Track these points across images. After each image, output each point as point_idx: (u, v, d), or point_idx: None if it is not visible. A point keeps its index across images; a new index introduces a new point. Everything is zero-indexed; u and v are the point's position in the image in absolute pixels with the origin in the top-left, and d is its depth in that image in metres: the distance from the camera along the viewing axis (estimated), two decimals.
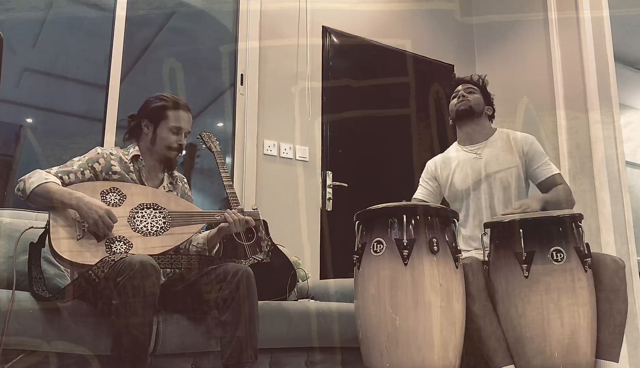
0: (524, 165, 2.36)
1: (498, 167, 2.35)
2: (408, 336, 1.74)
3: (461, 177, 2.40)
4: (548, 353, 1.83)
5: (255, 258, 2.09)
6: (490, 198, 2.34)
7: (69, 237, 1.73)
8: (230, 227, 1.98)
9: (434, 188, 2.49)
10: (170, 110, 2.03)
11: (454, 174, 2.43)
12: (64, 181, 1.85)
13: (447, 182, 2.44)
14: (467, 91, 2.47)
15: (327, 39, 3.71)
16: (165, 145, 2.04)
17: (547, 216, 1.97)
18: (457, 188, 2.41)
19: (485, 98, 2.51)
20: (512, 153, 2.37)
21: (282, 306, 2.18)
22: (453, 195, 2.44)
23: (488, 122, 2.51)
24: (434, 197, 2.49)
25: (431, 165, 2.54)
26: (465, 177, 2.39)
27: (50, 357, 1.68)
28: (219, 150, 2.32)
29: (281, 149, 3.39)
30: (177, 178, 2.17)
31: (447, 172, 2.46)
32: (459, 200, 2.42)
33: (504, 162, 2.35)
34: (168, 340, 1.83)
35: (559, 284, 1.85)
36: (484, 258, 2.05)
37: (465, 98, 2.45)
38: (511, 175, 2.34)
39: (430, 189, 2.49)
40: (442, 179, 2.47)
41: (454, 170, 2.43)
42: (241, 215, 1.98)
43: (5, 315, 1.58)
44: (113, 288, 1.58)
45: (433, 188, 2.49)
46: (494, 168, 2.35)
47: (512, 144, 2.39)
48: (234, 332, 1.75)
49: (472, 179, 2.38)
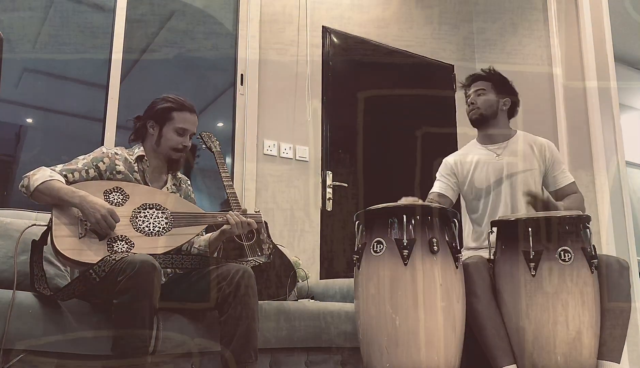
0: (544, 170, 2.37)
1: (520, 168, 2.35)
2: (408, 336, 1.74)
3: (482, 175, 2.39)
4: (552, 353, 1.82)
5: (257, 260, 2.09)
6: (512, 198, 2.33)
7: (71, 235, 1.74)
8: (233, 229, 1.97)
9: (453, 183, 2.45)
10: (176, 111, 2.04)
11: (474, 172, 2.41)
12: (68, 179, 1.86)
13: (466, 179, 2.42)
14: (477, 94, 2.44)
15: (327, 39, 3.71)
16: (170, 146, 2.04)
17: (555, 216, 1.97)
18: (477, 186, 2.39)
19: (499, 90, 2.45)
20: (533, 156, 2.37)
21: (282, 306, 2.18)
22: (472, 193, 2.42)
23: (506, 120, 2.47)
24: (452, 192, 2.44)
25: (450, 161, 2.50)
26: (486, 175, 2.38)
27: (50, 356, 1.68)
28: (219, 150, 2.32)
29: (281, 149, 3.39)
30: (181, 180, 2.17)
31: (467, 169, 2.43)
32: (477, 197, 2.41)
33: (525, 164, 2.36)
34: (168, 340, 1.83)
35: (565, 284, 1.85)
36: (490, 256, 2.05)
37: (475, 105, 2.43)
38: (532, 177, 2.34)
39: (449, 184, 2.45)
40: (461, 175, 2.45)
41: (474, 168, 2.41)
42: (244, 217, 1.98)
43: (6, 314, 1.58)
44: (114, 287, 1.58)
45: (452, 183, 2.45)
46: (515, 168, 2.35)
47: (534, 148, 2.39)
48: (234, 332, 1.76)
49: (493, 177, 2.37)
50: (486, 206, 2.37)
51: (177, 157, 2.07)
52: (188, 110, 2.07)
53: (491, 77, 2.48)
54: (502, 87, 2.46)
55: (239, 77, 3.40)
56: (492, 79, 2.47)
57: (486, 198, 2.37)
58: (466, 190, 2.44)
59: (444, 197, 2.41)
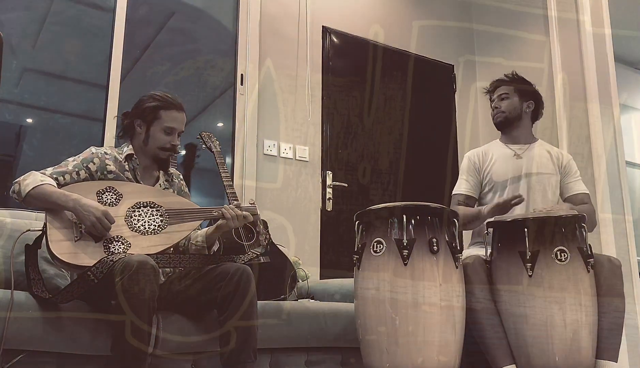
0: (559, 178, 2.42)
1: (538, 170, 2.39)
2: (408, 336, 1.74)
3: (500, 169, 2.42)
4: (550, 352, 1.83)
5: (254, 252, 2.09)
6: (528, 197, 2.34)
7: (66, 239, 1.73)
8: (229, 223, 1.94)
9: (476, 181, 2.46)
10: (163, 110, 2.00)
11: (493, 165, 2.44)
12: (59, 182, 1.84)
13: (485, 172, 2.45)
14: (501, 98, 2.48)
15: (327, 39, 3.71)
16: (158, 146, 2.02)
17: (551, 216, 1.97)
18: (494, 178, 2.42)
19: (523, 94, 2.49)
20: (552, 163, 2.42)
21: (282, 306, 2.18)
22: (488, 185, 2.43)
23: (529, 123, 2.51)
24: (476, 191, 2.45)
25: (472, 157, 2.51)
26: (505, 170, 2.41)
27: (50, 357, 1.68)
28: (219, 150, 2.32)
29: (281, 149, 3.39)
30: (173, 175, 2.15)
31: (487, 162, 2.46)
32: (492, 190, 2.42)
33: (544, 167, 2.40)
34: (168, 340, 1.83)
35: (562, 284, 1.85)
36: (486, 257, 2.05)
37: (499, 109, 2.48)
38: (549, 181, 2.38)
39: (473, 183, 2.45)
40: (482, 170, 2.47)
41: (494, 162, 2.44)
42: (239, 210, 1.97)
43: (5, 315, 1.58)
44: (112, 288, 1.58)
45: (476, 181, 2.46)
46: (534, 169, 2.39)
47: (553, 155, 2.45)
48: (233, 332, 1.75)
49: (512, 173, 2.40)
50: None
51: (165, 156, 2.05)
52: (175, 109, 2.02)
53: (514, 81, 2.52)
54: (526, 91, 2.51)
55: (239, 77, 3.40)
56: (515, 83, 2.51)
57: (501, 192, 2.40)
58: (483, 182, 2.46)
59: (472, 199, 2.43)
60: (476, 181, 2.46)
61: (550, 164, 2.42)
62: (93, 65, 3.08)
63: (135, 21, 3.17)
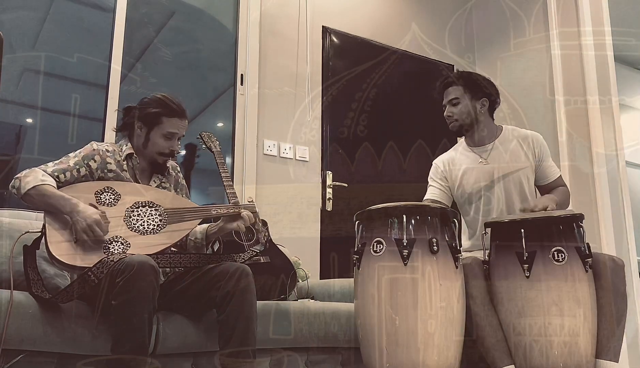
0: (535, 165, 2.32)
1: (510, 169, 2.30)
2: (408, 336, 1.74)
3: (471, 179, 2.34)
4: (549, 353, 1.83)
5: (254, 250, 2.09)
6: (507, 199, 2.29)
7: (65, 240, 1.72)
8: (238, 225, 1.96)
9: (445, 187, 2.39)
10: (165, 116, 1.99)
11: (463, 176, 2.35)
12: (59, 180, 1.84)
13: (456, 183, 2.37)
14: (452, 103, 2.37)
15: (327, 39, 3.71)
16: (157, 151, 2.01)
17: (548, 216, 1.96)
18: (467, 190, 2.34)
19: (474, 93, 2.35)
20: (522, 153, 2.32)
21: (282, 306, 2.18)
22: (462, 197, 2.37)
23: (489, 119, 2.38)
24: (446, 197, 2.39)
25: (439, 165, 2.44)
26: (475, 180, 2.33)
27: (50, 357, 1.68)
28: (219, 150, 2.32)
29: (281, 149, 3.39)
30: (170, 167, 2.14)
31: (456, 173, 2.38)
32: (468, 202, 2.36)
33: (517, 164, 2.31)
34: (168, 340, 1.83)
35: (560, 284, 1.85)
36: (484, 258, 2.05)
37: (452, 117, 2.36)
38: (525, 175, 2.30)
39: (442, 189, 2.39)
40: (451, 179, 2.39)
41: (463, 172, 2.35)
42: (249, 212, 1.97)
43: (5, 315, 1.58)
44: (112, 289, 1.58)
45: (444, 187, 2.39)
46: (505, 170, 2.30)
47: (522, 144, 2.34)
48: (232, 331, 1.75)
49: (483, 181, 2.32)
50: (478, 209, 2.34)
51: (162, 161, 2.04)
52: (178, 116, 2.01)
53: (460, 80, 2.38)
54: (476, 89, 2.36)
55: (239, 77, 3.40)
56: (463, 83, 2.37)
57: (477, 202, 2.33)
58: (456, 194, 2.39)
59: (438, 203, 2.34)
60: (444, 186, 2.38)
61: (522, 155, 2.31)
62: (93, 65, 3.08)
63: (135, 21, 3.17)
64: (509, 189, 2.30)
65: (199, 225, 2.11)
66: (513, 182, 2.30)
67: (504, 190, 2.30)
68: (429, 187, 2.44)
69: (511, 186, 2.30)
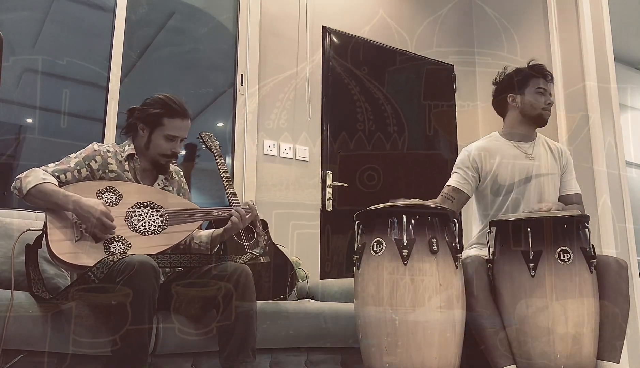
0: (560, 175, 2.38)
1: (547, 170, 2.33)
2: (408, 336, 1.74)
3: (506, 171, 2.30)
4: (551, 353, 1.82)
5: (253, 253, 2.09)
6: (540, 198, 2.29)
7: (66, 239, 1.73)
8: (238, 224, 1.97)
9: (472, 177, 2.30)
10: (167, 117, 1.99)
11: (499, 167, 2.30)
12: (60, 180, 1.84)
13: (489, 173, 2.31)
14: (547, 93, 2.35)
15: (327, 39, 3.71)
16: (158, 152, 2.02)
17: (554, 216, 1.96)
18: (500, 182, 2.29)
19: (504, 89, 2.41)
20: (555, 160, 2.38)
21: (282, 306, 2.18)
22: (492, 188, 2.31)
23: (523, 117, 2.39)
24: (470, 187, 2.30)
25: (472, 153, 2.34)
26: (511, 173, 2.30)
27: (50, 357, 1.68)
28: (219, 150, 2.32)
29: (281, 149, 3.39)
30: (173, 171, 2.15)
31: (492, 162, 2.32)
32: (497, 194, 2.31)
33: (550, 167, 2.35)
34: (168, 340, 1.84)
35: (565, 284, 1.85)
36: (488, 256, 2.05)
37: (550, 106, 2.35)
38: (554, 181, 2.34)
39: (467, 179, 2.30)
40: (484, 169, 2.32)
41: (499, 163, 2.31)
42: (243, 211, 1.98)
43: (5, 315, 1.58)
44: (113, 288, 1.58)
45: (471, 177, 2.30)
46: (544, 170, 2.33)
47: (554, 151, 2.39)
48: (232, 331, 1.76)
49: (519, 176, 2.30)
50: (504, 204, 2.30)
51: (164, 162, 2.05)
52: (180, 117, 2.01)
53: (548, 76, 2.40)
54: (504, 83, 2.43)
55: (239, 77, 3.40)
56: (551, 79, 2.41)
57: (506, 196, 2.29)
58: (486, 184, 2.32)
59: (460, 193, 2.28)
60: (470, 176, 2.30)
61: (554, 163, 2.36)
62: (93, 65, 3.08)
63: (135, 21, 3.17)
64: (542, 189, 2.31)
65: (203, 232, 2.12)
66: (546, 183, 2.32)
67: (539, 188, 2.31)
68: (454, 174, 2.34)
69: (544, 186, 2.31)
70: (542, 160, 2.35)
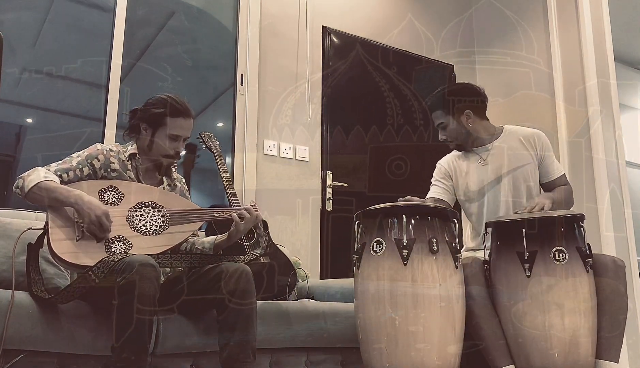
0: (538, 161, 2.33)
1: (511, 167, 2.31)
2: (408, 336, 1.74)
3: (474, 178, 2.35)
4: (549, 353, 1.83)
5: (254, 253, 2.09)
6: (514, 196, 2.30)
7: (68, 238, 1.73)
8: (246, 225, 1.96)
9: (449, 187, 2.41)
10: (169, 117, 1.99)
11: (466, 176, 2.37)
12: (62, 179, 1.84)
13: (459, 183, 2.39)
14: (441, 127, 2.40)
15: (327, 39, 3.71)
16: (161, 153, 2.02)
17: (549, 216, 1.96)
18: (470, 188, 2.36)
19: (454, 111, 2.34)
20: (523, 150, 2.33)
21: (282, 306, 2.18)
22: (465, 195, 2.38)
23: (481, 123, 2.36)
24: (449, 196, 2.39)
25: (444, 165, 2.45)
26: (478, 180, 2.35)
27: (50, 357, 1.68)
28: (219, 150, 2.32)
29: (281, 149, 3.39)
30: (176, 179, 2.15)
31: (459, 173, 2.40)
32: (470, 200, 2.37)
33: (517, 160, 2.32)
34: (168, 340, 1.84)
35: (560, 284, 1.85)
36: (485, 257, 2.05)
37: (447, 140, 2.40)
38: (529, 172, 2.31)
39: (445, 188, 2.40)
40: (456, 179, 2.40)
41: (466, 172, 2.38)
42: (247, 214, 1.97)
43: (5, 315, 1.58)
44: (113, 288, 1.58)
45: (448, 186, 2.40)
46: (505, 168, 2.31)
47: (524, 142, 2.34)
48: (232, 332, 1.75)
49: (486, 181, 2.33)
50: (481, 208, 2.35)
51: (167, 163, 2.05)
52: (182, 116, 2.01)
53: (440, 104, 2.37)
54: (455, 105, 2.34)
55: (239, 77, 3.40)
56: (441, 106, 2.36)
57: (480, 200, 2.35)
58: (460, 194, 2.41)
59: (441, 202, 2.36)
60: (447, 186, 2.40)
61: (523, 152, 2.32)
62: (93, 65, 3.08)
63: (135, 21, 3.17)
64: (514, 187, 2.30)
65: (205, 238, 2.12)
66: (516, 180, 2.31)
67: (508, 188, 2.31)
68: (432, 186, 2.45)
69: (515, 184, 2.31)
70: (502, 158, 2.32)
